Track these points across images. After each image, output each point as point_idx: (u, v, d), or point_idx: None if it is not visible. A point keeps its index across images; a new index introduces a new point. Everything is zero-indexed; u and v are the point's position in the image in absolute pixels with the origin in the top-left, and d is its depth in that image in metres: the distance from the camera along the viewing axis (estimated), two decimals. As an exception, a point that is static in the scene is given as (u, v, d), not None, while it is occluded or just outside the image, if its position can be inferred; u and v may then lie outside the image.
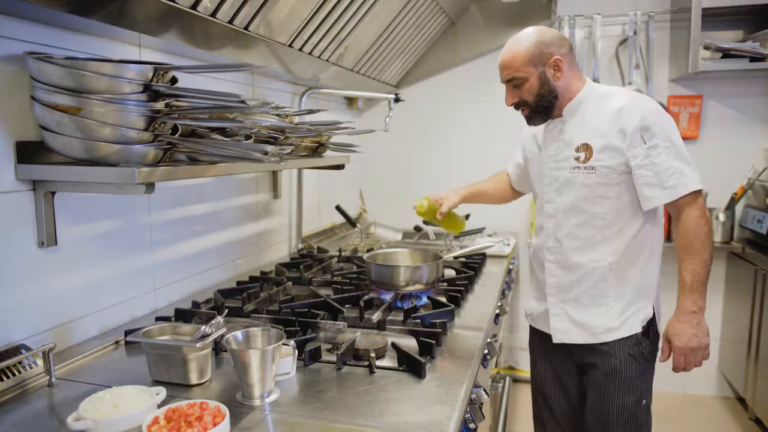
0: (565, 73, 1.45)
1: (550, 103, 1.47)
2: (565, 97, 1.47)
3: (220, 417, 0.90)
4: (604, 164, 1.41)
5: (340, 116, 2.88)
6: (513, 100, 1.49)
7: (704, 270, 1.41)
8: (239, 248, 2.02)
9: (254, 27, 1.51)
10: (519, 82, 1.45)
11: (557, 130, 1.51)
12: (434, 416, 0.98)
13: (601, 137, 1.42)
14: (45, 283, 1.21)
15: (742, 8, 2.62)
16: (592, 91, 1.49)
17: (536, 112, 1.49)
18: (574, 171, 1.45)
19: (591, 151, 1.42)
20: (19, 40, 1.12)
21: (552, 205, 1.53)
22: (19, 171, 1.13)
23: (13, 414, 1.00)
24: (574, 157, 1.45)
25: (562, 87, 1.46)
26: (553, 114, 1.50)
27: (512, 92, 1.49)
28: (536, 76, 1.43)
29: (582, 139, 1.45)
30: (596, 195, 1.43)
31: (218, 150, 1.17)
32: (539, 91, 1.45)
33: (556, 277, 1.54)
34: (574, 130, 1.47)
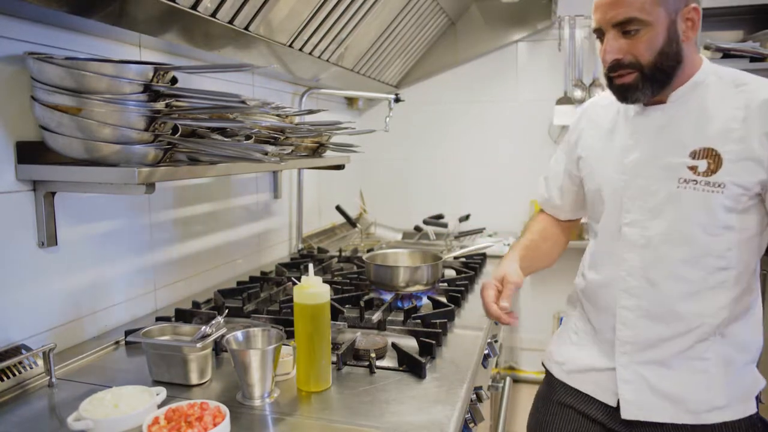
0: (694, 36, 1.02)
1: (671, 69, 1.02)
2: (685, 70, 1.04)
3: (220, 417, 0.90)
4: (737, 182, 0.99)
5: (341, 116, 2.88)
6: (617, 55, 1.01)
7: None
8: (239, 248, 2.02)
9: (254, 27, 1.51)
10: (638, 27, 0.99)
11: (657, 121, 1.07)
12: (434, 416, 0.98)
13: (737, 142, 0.99)
14: (45, 284, 1.21)
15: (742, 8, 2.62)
16: (715, 72, 1.06)
17: (649, 80, 1.02)
18: (685, 185, 1.02)
19: (719, 161, 1.00)
20: (19, 41, 1.12)
21: (642, 230, 1.08)
22: (19, 171, 1.13)
23: (14, 414, 1.00)
24: (689, 165, 1.02)
25: (687, 53, 1.02)
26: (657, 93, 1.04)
27: (620, 42, 1.01)
28: (665, 24, 0.99)
29: (703, 140, 1.01)
30: (718, 224, 1.01)
31: (218, 150, 1.17)
32: (664, 48, 1.00)
33: (635, 330, 1.10)
34: (688, 126, 1.04)
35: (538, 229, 1.36)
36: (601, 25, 1.03)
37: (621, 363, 1.12)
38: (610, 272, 1.14)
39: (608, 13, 1.01)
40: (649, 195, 1.07)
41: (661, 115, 1.07)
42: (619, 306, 1.12)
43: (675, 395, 1.07)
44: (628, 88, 1.04)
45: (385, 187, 3.27)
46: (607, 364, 1.14)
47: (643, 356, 1.10)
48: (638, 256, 1.09)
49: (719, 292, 1.04)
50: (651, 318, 1.09)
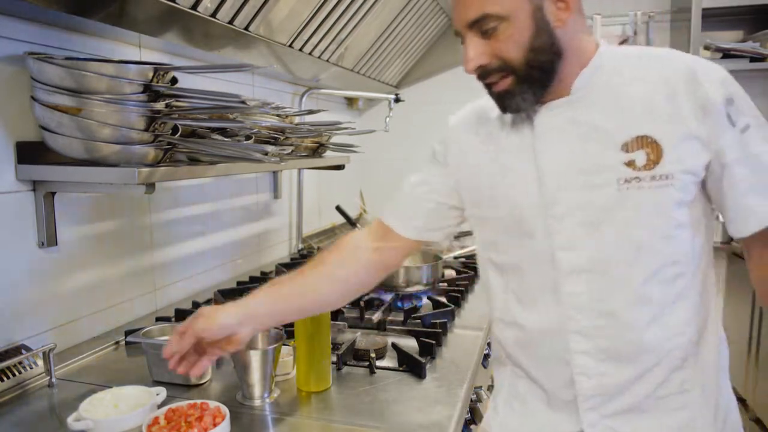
0: (572, 19, 0.83)
1: (551, 66, 0.83)
2: (572, 60, 0.85)
3: (220, 417, 0.90)
4: (686, 168, 0.81)
5: (341, 116, 2.88)
6: (480, 61, 0.83)
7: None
8: (239, 248, 2.02)
9: (254, 27, 1.51)
10: (495, 23, 0.80)
11: (563, 118, 0.86)
12: (434, 416, 0.98)
13: (670, 122, 0.81)
14: (45, 284, 1.21)
15: (742, 8, 2.62)
16: (616, 53, 0.88)
17: (528, 81, 0.84)
18: (629, 185, 0.82)
19: (658, 148, 0.81)
20: (19, 41, 1.12)
21: (582, 252, 0.86)
22: (19, 171, 1.13)
23: (14, 414, 1.00)
24: (625, 161, 0.82)
25: (568, 41, 0.83)
26: (550, 90, 0.86)
27: (479, 45, 0.83)
28: (527, 12, 0.80)
29: (632, 128, 0.83)
30: (672, 224, 0.83)
31: (218, 150, 1.17)
32: (533, 41, 0.81)
33: (599, 378, 0.87)
34: (605, 116, 0.85)
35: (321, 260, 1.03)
36: (457, 27, 0.85)
37: (589, 422, 0.89)
38: (553, 313, 0.88)
39: (461, 13, 0.83)
40: (582, 207, 0.85)
41: (567, 110, 0.86)
42: (573, 353, 0.87)
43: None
44: (505, 95, 0.86)
45: (385, 187, 3.26)
46: (571, 428, 0.91)
47: (611, 407, 0.88)
48: (585, 284, 0.86)
49: (681, 304, 0.86)
50: (616, 359, 0.86)
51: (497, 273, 0.96)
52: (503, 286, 0.95)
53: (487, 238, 0.97)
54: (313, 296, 0.99)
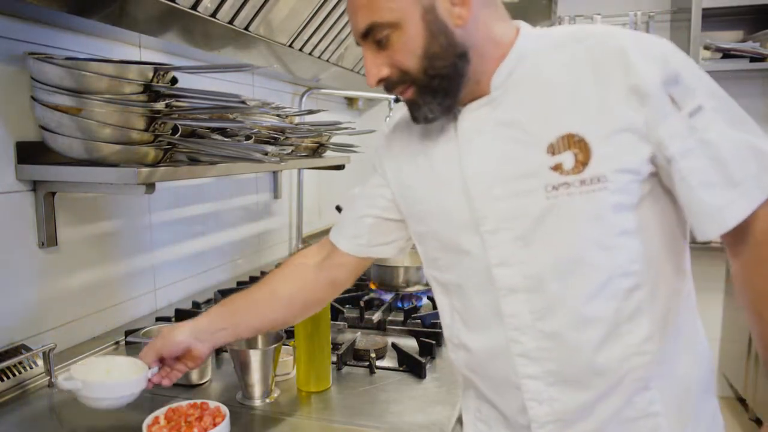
0: (476, 11, 0.74)
1: (453, 70, 0.75)
2: (486, 56, 0.77)
3: (220, 417, 0.90)
4: (621, 167, 0.72)
5: (341, 116, 2.88)
6: (380, 74, 0.77)
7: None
8: (239, 248, 2.02)
9: (254, 27, 1.51)
10: (385, 32, 0.74)
11: (486, 120, 0.78)
12: (434, 416, 0.98)
13: (597, 114, 0.72)
14: (45, 284, 1.21)
15: (742, 8, 2.62)
16: (536, 39, 0.79)
17: (430, 91, 0.77)
18: (557, 192, 0.73)
19: (587, 147, 0.72)
20: (19, 41, 1.12)
21: (516, 269, 0.77)
22: (19, 171, 1.13)
23: (14, 414, 1.00)
24: (551, 165, 0.73)
25: (476, 37, 0.75)
26: (465, 95, 0.78)
27: (377, 58, 0.77)
28: (417, 16, 0.73)
29: (557, 126, 0.73)
30: (613, 231, 0.73)
31: (218, 150, 1.17)
32: (428, 48, 0.74)
33: (551, 404, 0.79)
34: (529, 114, 0.76)
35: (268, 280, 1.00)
36: (357, 41, 0.79)
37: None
38: (497, 335, 0.80)
39: (353, 24, 0.78)
40: (512, 219, 0.76)
41: (489, 111, 0.78)
42: (521, 377, 0.79)
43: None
44: (412, 105, 0.79)
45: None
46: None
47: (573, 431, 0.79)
48: (525, 304, 0.77)
49: (638, 321, 0.75)
50: (566, 383, 0.77)
51: (443, 292, 0.89)
52: (449, 306, 0.88)
53: (428, 254, 0.89)
54: (259, 313, 0.97)
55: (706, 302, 3.00)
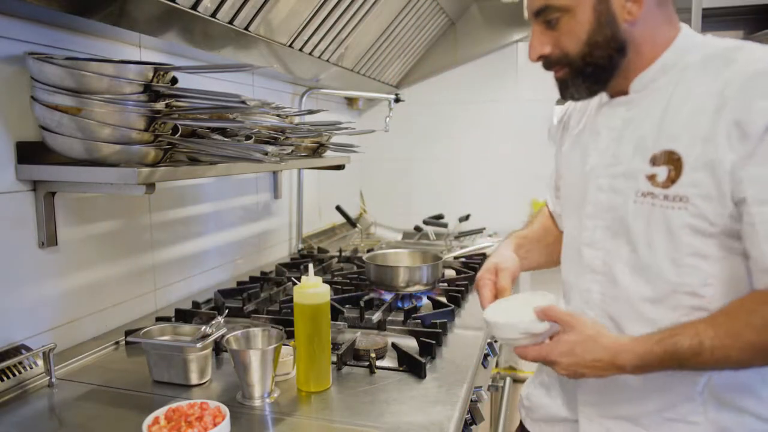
0: (647, 10, 0.79)
1: (609, 62, 0.81)
2: (642, 54, 0.81)
3: (220, 417, 0.90)
4: (703, 193, 0.74)
5: (341, 116, 2.88)
6: (542, 51, 0.84)
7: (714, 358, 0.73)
8: (239, 248, 2.02)
9: (254, 27, 1.51)
10: (557, 14, 0.80)
11: (619, 118, 0.86)
12: (434, 416, 0.98)
13: (698, 142, 0.75)
14: (45, 284, 1.21)
15: (743, 8, 2.62)
16: (692, 48, 0.81)
17: (581, 75, 0.83)
18: (644, 200, 0.80)
19: (680, 167, 0.76)
20: (19, 41, 1.12)
21: (598, 253, 0.87)
22: (19, 171, 1.13)
23: (14, 414, 1.00)
24: (648, 174, 0.79)
25: (639, 34, 0.80)
26: (613, 85, 0.85)
27: (543, 36, 0.83)
28: (590, 5, 0.78)
29: (665, 141, 0.78)
30: (685, 251, 0.77)
31: (218, 150, 1.17)
32: (592, 36, 0.79)
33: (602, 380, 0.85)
34: (650, 123, 0.81)
35: (542, 221, 1.16)
36: (527, 16, 0.85)
37: (585, 414, 0.91)
38: (575, 303, 0.92)
39: (528, 2, 0.83)
40: (606, 210, 0.85)
41: (624, 111, 0.85)
42: None
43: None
44: (562, 84, 0.86)
45: (385, 187, 3.27)
46: (571, 415, 0.94)
47: (611, 410, 0.88)
48: (598, 285, 0.88)
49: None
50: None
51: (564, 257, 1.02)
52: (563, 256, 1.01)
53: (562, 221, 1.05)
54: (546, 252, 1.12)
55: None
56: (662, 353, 0.74)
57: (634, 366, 0.76)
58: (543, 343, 0.82)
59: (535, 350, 0.81)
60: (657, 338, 0.75)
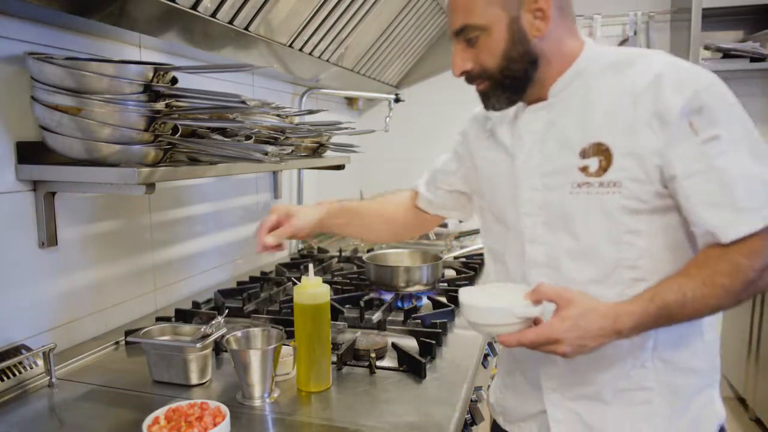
0: (553, 26, 0.87)
1: (524, 74, 0.89)
2: (553, 65, 0.90)
3: (220, 417, 0.90)
4: (633, 176, 0.84)
5: (341, 116, 2.88)
6: (464, 67, 0.91)
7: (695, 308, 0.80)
8: (239, 248, 2.02)
9: (254, 27, 1.51)
10: (475, 33, 0.88)
11: (541, 122, 0.93)
12: (434, 416, 0.98)
13: (625, 131, 0.84)
14: (45, 284, 1.21)
15: (743, 8, 2.62)
16: (598, 57, 0.91)
17: (501, 87, 0.91)
18: (580, 190, 0.88)
19: (610, 156, 0.85)
20: (19, 41, 1.12)
21: (541, 248, 0.94)
22: (19, 171, 1.13)
23: (14, 414, 1.00)
24: (579, 166, 0.88)
25: (548, 48, 0.89)
26: (529, 94, 0.93)
27: (464, 53, 0.91)
28: (504, 24, 0.86)
29: (591, 135, 0.87)
30: (621, 230, 0.86)
31: (219, 150, 1.17)
32: (507, 52, 0.87)
33: (559, 365, 0.94)
34: (573, 122, 0.90)
35: (382, 200, 1.30)
36: (450, 36, 0.93)
37: (551, 401, 0.96)
38: None
39: (449, 22, 0.91)
40: (543, 207, 0.92)
41: (544, 114, 0.93)
42: None
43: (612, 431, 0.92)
44: (484, 96, 0.94)
45: (385, 187, 3.25)
46: (539, 406, 0.99)
47: (573, 392, 0.94)
48: (545, 277, 0.93)
49: None
50: None
51: (491, 259, 1.09)
52: (495, 271, 1.08)
53: (485, 225, 1.10)
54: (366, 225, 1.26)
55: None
56: (655, 310, 0.79)
57: (632, 327, 0.80)
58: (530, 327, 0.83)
59: (533, 333, 0.81)
60: (648, 297, 0.80)
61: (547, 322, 0.81)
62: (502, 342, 0.84)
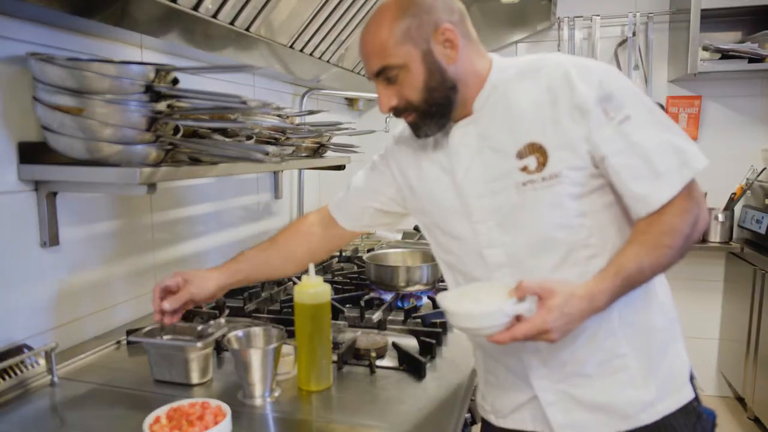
0: (462, 51, 0.95)
1: (447, 100, 0.96)
2: (470, 85, 0.97)
3: (221, 416, 0.91)
4: (570, 165, 0.91)
5: (341, 117, 2.89)
6: (390, 103, 0.97)
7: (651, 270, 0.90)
8: (240, 248, 2.00)
9: (255, 28, 1.51)
10: (394, 72, 0.94)
11: (471, 135, 0.99)
12: (434, 416, 0.98)
13: (552, 127, 0.92)
14: (47, 283, 1.22)
15: (741, 9, 2.62)
16: (507, 68, 0.99)
17: (427, 116, 0.97)
18: (525, 188, 0.94)
19: (545, 152, 0.92)
20: (21, 41, 1.13)
21: (500, 249, 0.98)
22: (21, 171, 1.13)
23: (16, 413, 1.00)
24: (519, 167, 0.94)
25: (462, 71, 0.96)
26: (455, 115, 0.99)
27: (387, 90, 0.96)
28: (418, 60, 0.93)
29: (523, 137, 0.94)
30: (571, 213, 0.93)
31: (219, 150, 1.17)
32: (427, 83, 0.94)
33: (541, 352, 0.99)
34: (501, 129, 0.96)
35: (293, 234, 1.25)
36: (369, 77, 0.99)
37: (541, 387, 1.01)
38: None
39: (367, 66, 0.98)
40: (493, 212, 0.98)
41: (473, 128, 0.99)
42: None
43: (603, 403, 0.98)
44: (414, 127, 1.00)
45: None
46: (530, 394, 1.03)
47: (559, 374, 0.99)
48: (509, 276, 0.98)
49: None
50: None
51: (447, 269, 1.11)
52: (454, 280, 1.10)
53: (434, 239, 1.11)
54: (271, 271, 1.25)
55: (705, 302, 3.00)
56: (621, 281, 0.87)
57: (606, 302, 0.87)
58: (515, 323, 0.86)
59: (524, 328, 0.84)
60: (613, 272, 0.88)
61: (535, 315, 0.85)
62: (495, 341, 0.85)
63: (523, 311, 0.86)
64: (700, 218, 0.90)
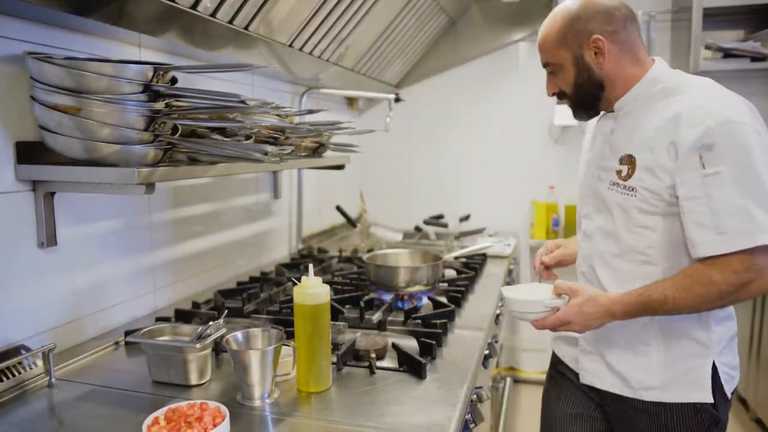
0: (613, 58, 1.13)
1: (593, 96, 1.18)
2: (617, 87, 1.16)
3: (220, 417, 0.90)
4: (646, 186, 1.08)
5: (341, 116, 2.88)
6: (551, 90, 1.23)
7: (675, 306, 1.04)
8: (239, 248, 2.01)
9: (254, 27, 1.51)
10: (553, 68, 1.19)
11: (608, 128, 1.21)
12: (434, 417, 0.98)
13: (647, 151, 1.08)
14: (45, 284, 1.21)
15: (743, 8, 2.61)
16: (656, 82, 1.14)
17: (577, 105, 1.22)
18: (612, 187, 1.15)
19: (634, 167, 1.10)
20: (18, 40, 1.12)
21: (589, 222, 1.24)
22: (18, 171, 1.13)
23: (13, 414, 1.00)
24: (617, 169, 1.14)
25: (611, 75, 1.15)
26: (603, 107, 1.21)
27: (550, 80, 1.23)
28: (570, 62, 1.16)
29: (628, 148, 1.13)
30: (635, 223, 1.12)
31: (218, 150, 1.17)
32: (576, 81, 1.17)
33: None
34: (622, 134, 1.16)
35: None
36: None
37: (583, 338, 1.25)
38: (578, 259, 1.32)
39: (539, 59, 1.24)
40: (591, 194, 1.23)
41: (610, 123, 1.21)
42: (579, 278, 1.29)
43: (621, 371, 1.19)
44: (572, 110, 1.25)
45: (385, 187, 3.27)
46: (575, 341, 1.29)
47: (600, 334, 1.20)
48: (587, 244, 1.25)
49: (642, 283, 1.09)
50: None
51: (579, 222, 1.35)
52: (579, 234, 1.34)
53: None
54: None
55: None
56: (641, 303, 1.06)
57: (623, 313, 1.08)
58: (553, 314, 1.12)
59: (553, 318, 1.11)
60: (636, 293, 1.07)
61: (561, 311, 1.11)
62: (535, 327, 1.15)
63: (558, 305, 1.12)
64: (752, 285, 1.01)
